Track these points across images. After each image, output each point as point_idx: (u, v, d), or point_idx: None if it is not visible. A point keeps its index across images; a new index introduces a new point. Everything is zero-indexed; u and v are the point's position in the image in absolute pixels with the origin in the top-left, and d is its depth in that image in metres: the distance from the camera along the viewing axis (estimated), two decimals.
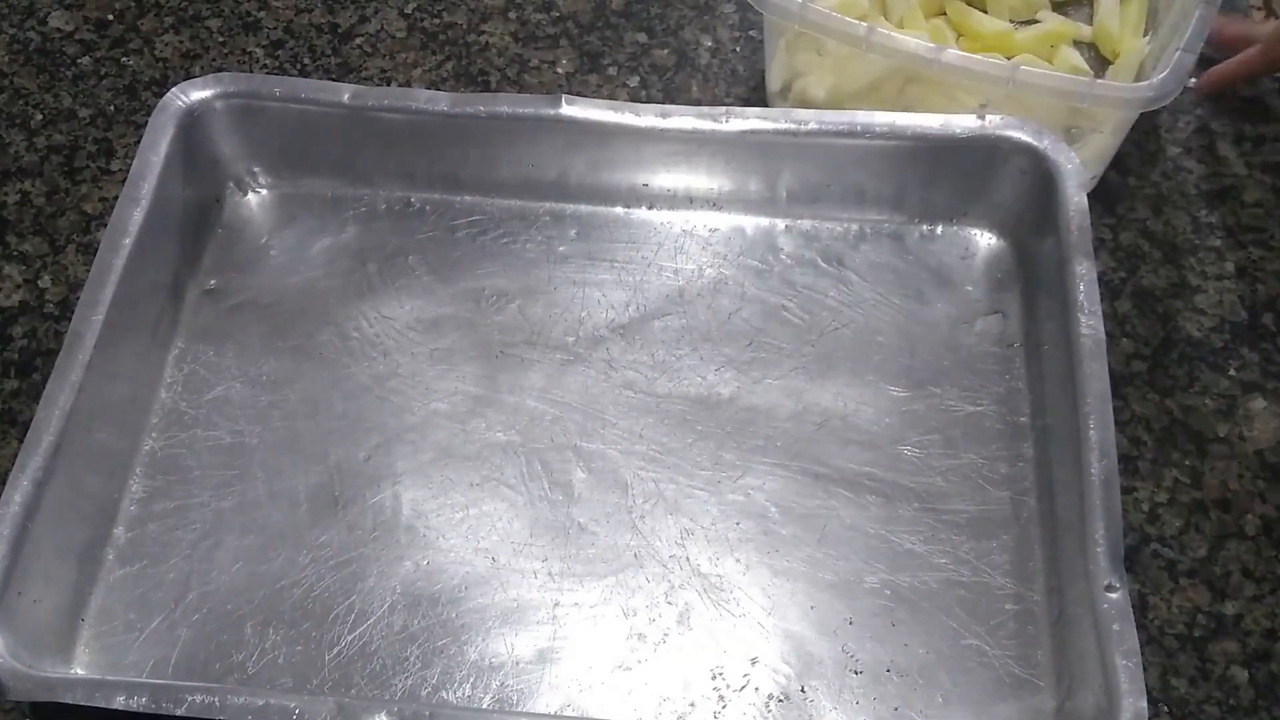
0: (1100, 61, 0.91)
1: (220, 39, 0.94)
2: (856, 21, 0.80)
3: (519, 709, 0.67)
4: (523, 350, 0.80)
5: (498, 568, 0.72)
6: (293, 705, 0.62)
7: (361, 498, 0.74)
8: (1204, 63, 0.87)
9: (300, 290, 0.82)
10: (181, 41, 0.94)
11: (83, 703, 0.62)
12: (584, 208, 0.85)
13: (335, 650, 0.69)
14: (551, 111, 0.82)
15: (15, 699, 0.63)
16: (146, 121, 0.81)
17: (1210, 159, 0.87)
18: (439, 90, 0.85)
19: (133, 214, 0.77)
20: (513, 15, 0.95)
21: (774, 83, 0.90)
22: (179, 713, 0.62)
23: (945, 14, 0.92)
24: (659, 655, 0.69)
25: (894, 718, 0.68)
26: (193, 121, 0.82)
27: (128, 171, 0.79)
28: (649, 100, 0.90)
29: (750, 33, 0.94)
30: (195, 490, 0.74)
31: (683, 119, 0.81)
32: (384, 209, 0.86)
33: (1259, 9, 0.95)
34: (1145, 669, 0.63)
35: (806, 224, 0.84)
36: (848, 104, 0.86)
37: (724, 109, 0.81)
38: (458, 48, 0.93)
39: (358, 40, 0.94)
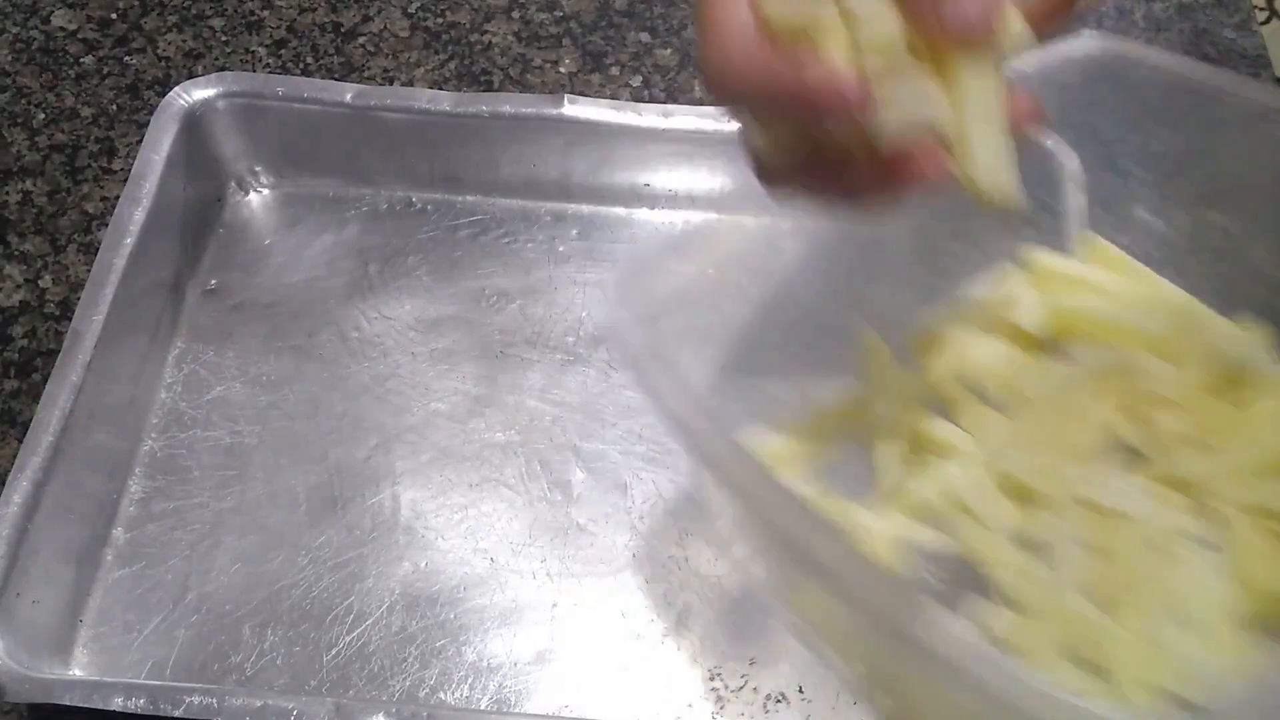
0: None
1: (223, 38, 0.94)
2: None
3: (517, 710, 0.67)
4: (523, 350, 0.80)
5: (496, 568, 0.72)
6: (291, 706, 0.62)
7: (361, 498, 0.74)
8: None
9: (301, 290, 0.82)
10: (184, 41, 0.93)
11: (81, 704, 0.62)
12: (586, 208, 0.85)
13: (333, 651, 0.69)
14: (554, 111, 0.82)
15: (13, 700, 0.63)
16: (149, 121, 0.81)
17: None
18: (442, 90, 0.85)
19: (134, 214, 0.77)
20: (516, 15, 0.95)
21: None
22: (177, 714, 0.62)
23: None
24: (657, 656, 0.69)
25: None
26: (195, 121, 0.82)
27: (129, 171, 0.79)
28: (652, 100, 0.90)
29: None
30: (195, 490, 0.74)
31: (685, 119, 0.81)
32: (385, 209, 0.86)
33: (1261, 9, 0.95)
34: None
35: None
36: None
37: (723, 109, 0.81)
38: (460, 47, 0.93)
39: (361, 40, 0.94)
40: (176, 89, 0.82)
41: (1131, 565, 0.62)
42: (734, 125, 0.80)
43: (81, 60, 0.92)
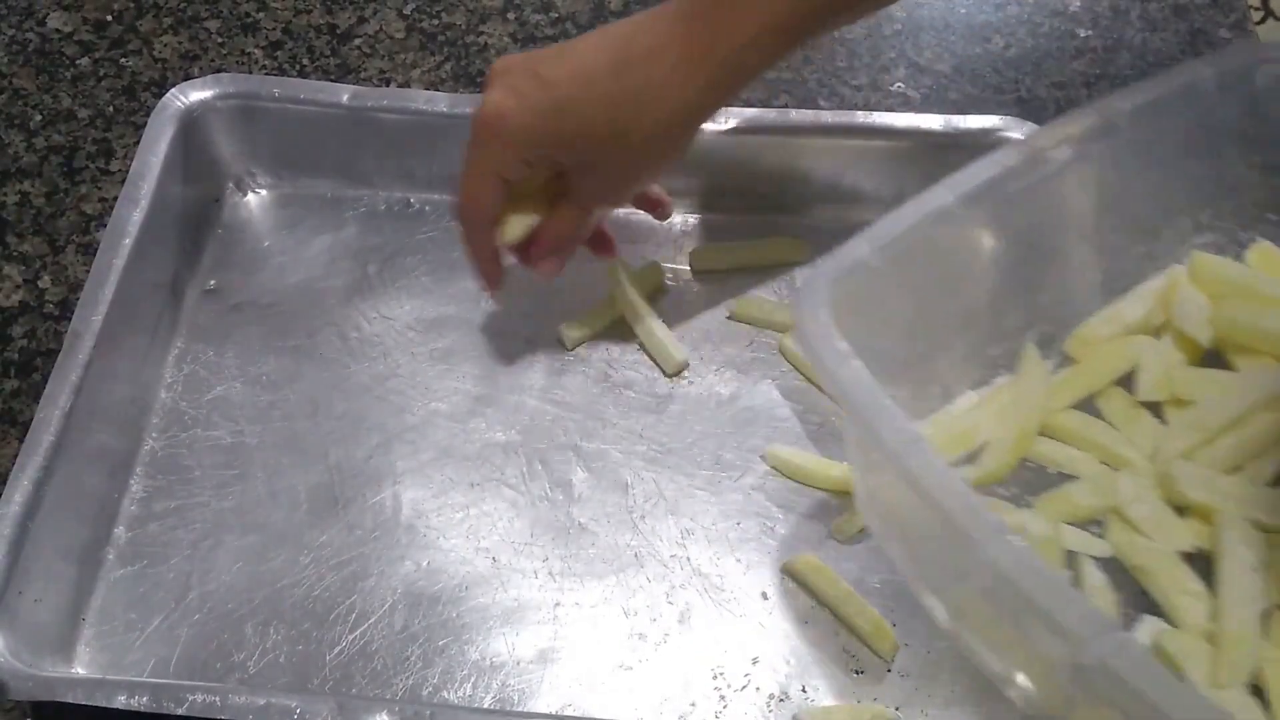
0: None
1: (219, 40, 0.94)
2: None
3: (520, 708, 0.67)
4: (523, 350, 0.80)
5: (498, 567, 0.72)
6: (293, 704, 0.62)
7: (361, 498, 0.74)
8: None
9: (300, 290, 0.82)
10: (180, 42, 0.93)
11: (84, 702, 0.62)
12: None
13: (336, 650, 0.69)
14: None
15: (16, 698, 0.63)
16: (146, 122, 0.81)
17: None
18: (438, 91, 0.85)
19: (132, 214, 0.77)
20: (511, 16, 0.95)
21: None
22: (180, 712, 0.62)
23: None
24: (660, 655, 0.69)
25: (894, 718, 0.67)
26: (192, 122, 0.82)
27: (127, 172, 0.79)
28: None
29: None
30: (195, 490, 0.74)
31: None
32: (383, 209, 0.86)
33: (1256, 9, 0.95)
34: None
35: (807, 224, 0.84)
36: None
37: (723, 109, 0.81)
38: (456, 48, 0.93)
39: (356, 41, 0.94)
40: (173, 90, 0.83)
41: None
42: (731, 126, 0.81)
43: (78, 62, 0.92)
